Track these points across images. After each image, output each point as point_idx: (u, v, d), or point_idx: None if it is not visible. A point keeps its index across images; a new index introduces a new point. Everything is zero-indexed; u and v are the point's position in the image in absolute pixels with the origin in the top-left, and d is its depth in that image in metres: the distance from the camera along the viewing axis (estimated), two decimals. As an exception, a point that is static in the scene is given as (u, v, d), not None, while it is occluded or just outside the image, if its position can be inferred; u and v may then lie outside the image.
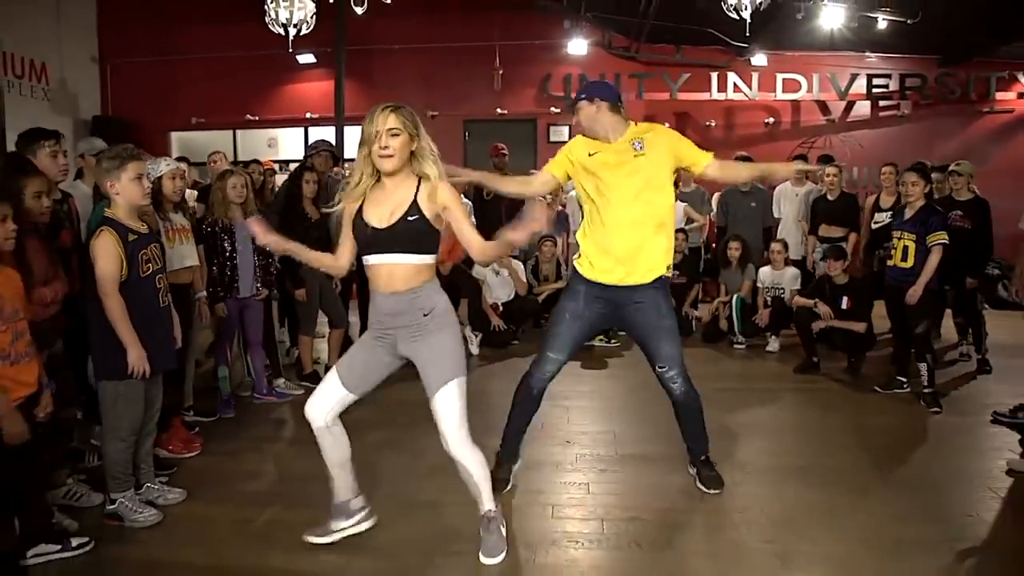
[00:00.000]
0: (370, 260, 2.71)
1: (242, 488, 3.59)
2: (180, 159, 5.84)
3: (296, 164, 9.50)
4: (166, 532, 3.09)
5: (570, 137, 10.05)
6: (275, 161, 10.23)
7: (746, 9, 6.31)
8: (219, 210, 4.60)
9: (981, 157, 8.68)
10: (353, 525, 3.03)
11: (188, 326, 4.08)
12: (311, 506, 3.30)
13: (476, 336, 6.58)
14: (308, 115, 10.32)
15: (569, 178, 3.47)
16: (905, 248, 5.00)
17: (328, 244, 5.38)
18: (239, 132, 10.51)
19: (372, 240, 2.67)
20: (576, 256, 3.48)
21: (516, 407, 3.54)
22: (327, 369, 5.48)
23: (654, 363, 3.41)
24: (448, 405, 2.69)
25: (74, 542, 2.83)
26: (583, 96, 3.42)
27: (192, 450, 3.95)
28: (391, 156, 2.63)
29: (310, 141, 10.59)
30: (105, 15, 10.62)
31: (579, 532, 3.13)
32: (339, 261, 2.87)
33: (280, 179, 6.79)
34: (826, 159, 7.58)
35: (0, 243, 2.65)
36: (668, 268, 3.39)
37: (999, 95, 9.93)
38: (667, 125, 10.76)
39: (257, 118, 10.45)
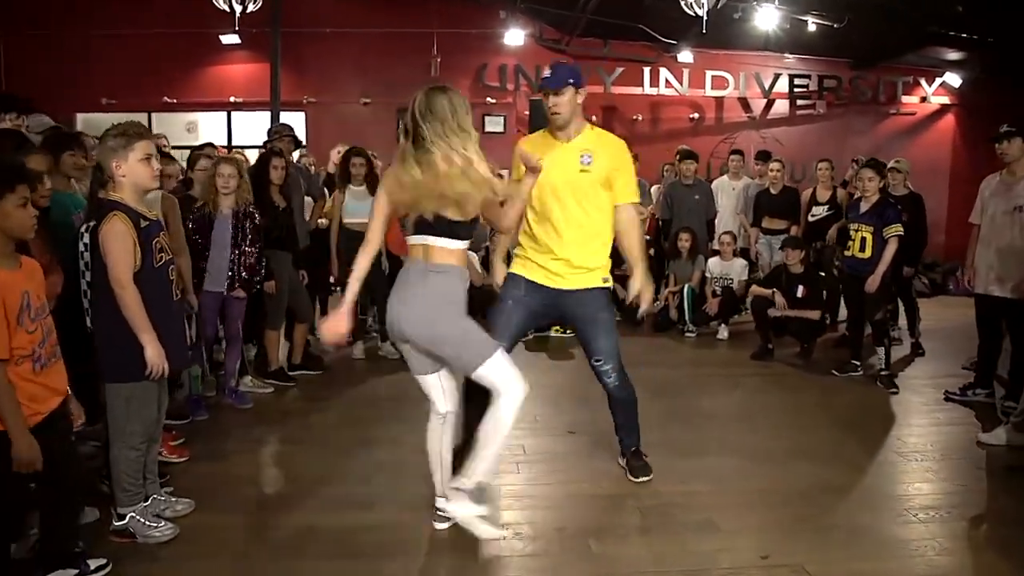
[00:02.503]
0: None
1: (248, 494, 3.36)
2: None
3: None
4: (183, 547, 2.82)
5: (507, 127, 10.21)
6: (192, 147, 9.71)
7: (702, 7, 6.44)
8: (207, 198, 4.33)
9: (888, 155, 9.21)
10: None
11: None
12: (328, 509, 3.16)
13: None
14: (232, 99, 9.79)
15: None
16: (863, 239, 5.27)
17: (294, 234, 5.15)
18: (155, 115, 9.81)
19: None
20: (515, 254, 3.41)
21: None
22: (290, 366, 5.28)
23: (590, 356, 3.39)
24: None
25: (92, 564, 2.54)
26: (571, 80, 3.14)
27: (182, 455, 3.66)
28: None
29: (234, 126, 10.17)
30: (-1, -19, 9.70)
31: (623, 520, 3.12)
32: None
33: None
34: (765, 155, 7.88)
35: (24, 230, 2.33)
36: (606, 280, 3.33)
37: (904, 98, 10.66)
38: (594, 119, 11.00)
39: (175, 101, 9.80)
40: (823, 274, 6.63)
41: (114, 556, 2.67)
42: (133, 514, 2.81)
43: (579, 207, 3.20)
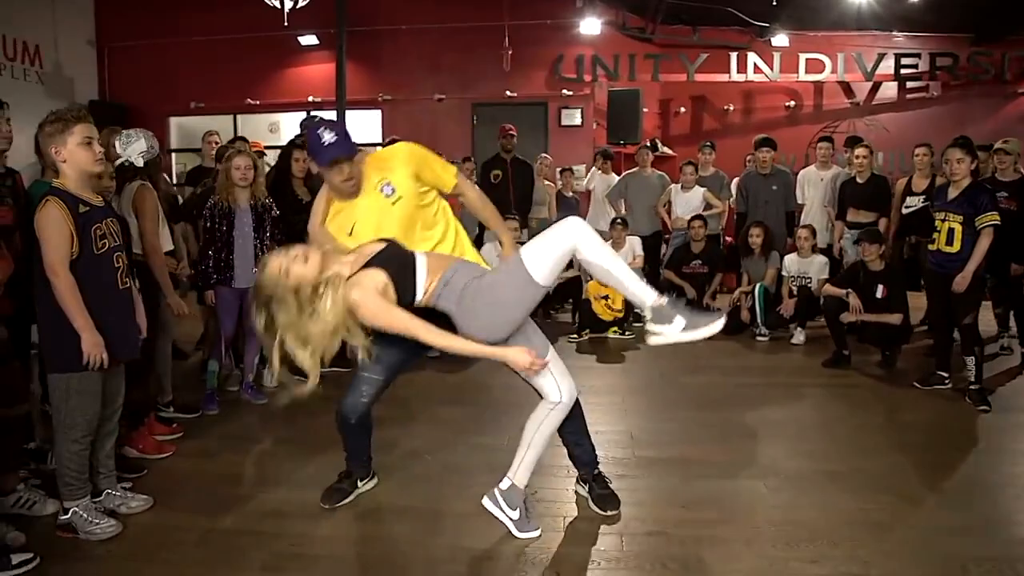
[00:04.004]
0: None
1: (218, 493, 3.21)
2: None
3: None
4: (126, 546, 2.72)
5: (584, 120, 9.83)
6: (279, 147, 9.95)
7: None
8: (223, 192, 4.26)
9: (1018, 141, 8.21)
10: None
11: (159, 313, 3.73)
12: (294, 515, 2.97)
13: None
14: (311, 99, 9.94)
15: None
16: (950, 231, 4.55)
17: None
18: (240, 117, 10.13)
19: None
20: None
21: (345, 436, 3.15)
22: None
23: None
24: None
25: (14, 559, 2.46)
26: (344, 154, 2.72)
27: (164, 451, 3.59)
28: None
29: (312, 125, 10.37)
30: (103, -2, 10.31)
31: (596, 551, 2.74)
32: None
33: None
34: (854, 140, 7.13)
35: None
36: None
37: (1035, 75, 9.42)
38: (682, 110, 10.46)
39: (258, 102, 10.07)
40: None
41: (49, 552, 2.59)
42: (76, 509, 2.72)
43: (420, 235, 2.89)
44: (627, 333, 6.55)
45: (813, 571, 2.56)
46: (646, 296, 2.58)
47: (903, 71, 9.57)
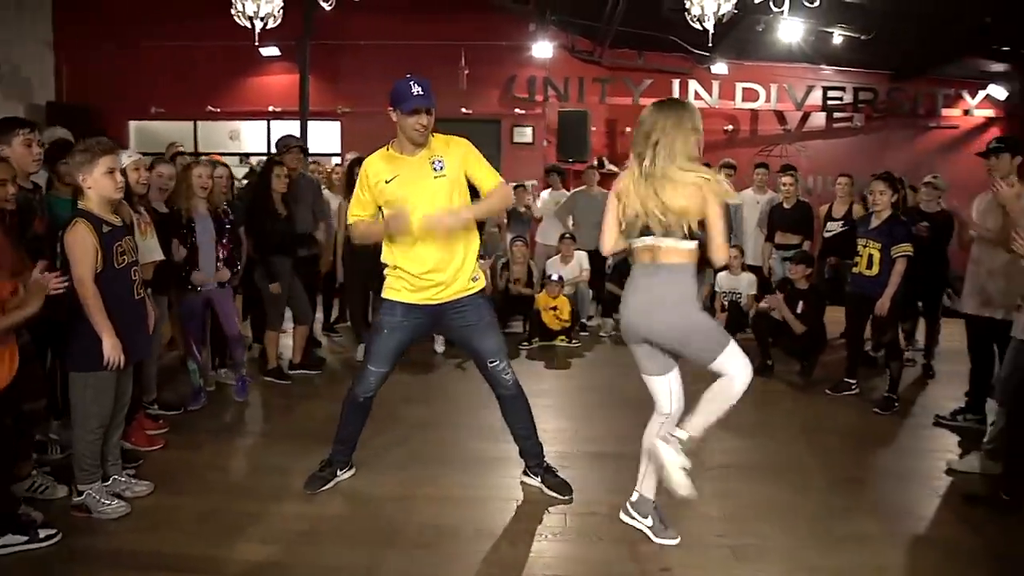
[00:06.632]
0: None
1: (210, 480, 3.62)
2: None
3: (255, 157, 9.58)
4: (134, 523, 3.11)
5: (535, 138, 10.34)
6: (237, 154, 10.21)
7: (708, 20, 6.48)
8: (183, 202, 4.56)
9: (928, 170, 8.98)
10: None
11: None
12: (276, 500, 3.38)
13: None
14: (271, 108, 10.23)
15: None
16: (871, 257, 5.13)
17: (294, 242, 5.42)
18: (200, 123, 10.35)
19: None
20: (388, 276, 3.42)
21: (346, 416, 3.53)
22: (290, 365, 5.56)
23: (484, 359, 3.40)
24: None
25: (41, 533, 2.84)
26: (424, 104, 3.17)
27: (155, 444, 3.95)
28: None
29: (273, 135, 10.61)
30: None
31: (543, 526, 3.23)
32: None
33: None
34: (785, 168, 7.80)
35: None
36: (475, 279, 3.38)
37: (945, 111, 10.34)
38: (628, 130, 11.05)
39: (219, 110, 10.30)
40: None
41: (68, 528, 2.97)
42: (90, 491, 3.10)
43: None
44: (574, 341, 7.05)
45: (723, 543, 3.10)
46: (695, 429, 2.95)
47: (830, 102, 10.38)
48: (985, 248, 4.54)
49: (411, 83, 3.17)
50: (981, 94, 10.21)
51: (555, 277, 7.18)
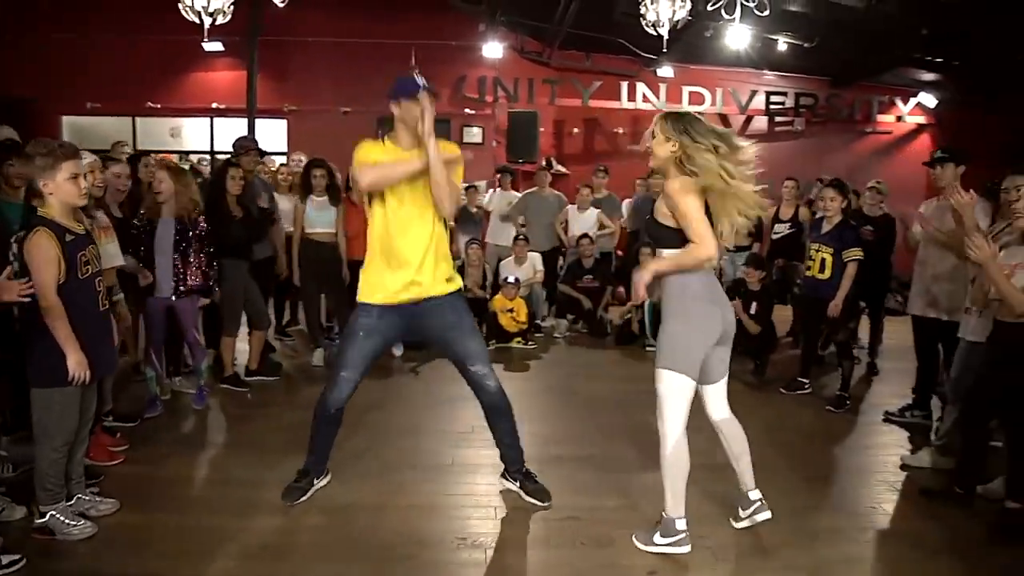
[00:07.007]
0: None
1: (176, 495, 3.49)
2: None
3: (196, 155, 9.32)
4: (102, 544, 2.97)
5: (485, 139, 10.32)
6: (178, 152, 9.88)
7: (663, 26, 6.59)
8: (151, 207, 4.43)
9: (864, 174, 9.39)
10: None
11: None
12: (248, 514, 3.28)
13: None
14: (214, 105, 9.95)
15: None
16: (823, 260, 5.29)
17: (250, 244, 5.28)
18: (139, 120, 9.99)
19: None
20: (363, 276, 3.36)
21: (318, 428, 3.48)
22: (247, 372, 5.41)
23: (465, 364, 3.37)
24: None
25: (4, 559, 2.68)
26: (431, 88, 3.16)
27: (115, 459, 3.79)
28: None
29: (217, 133, 10.33)
30: (-11, -14, 9.87)
31: (526, 533, 3.23)
32: None
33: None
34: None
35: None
36: (451, 279, 3.36)
37: (880, 117, 10.79)
38: (576, 131, 11.17)
39: (159, 106, 9.97)
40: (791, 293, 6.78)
41: (32, 552, 2.81)
42: (53, 512, 2.94)
43: (423, 212, 3.22)
44: (530, 343, 7.07)
45: (703, 544, 3.16)
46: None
47: (772, 107, 10.70)
48: (932, 252, 4.72)
49: (415, 76, 3.20)
50: (913, 101, 10.69)
51: (511, 279, 7.20)
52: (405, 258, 3.22)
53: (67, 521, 2.96)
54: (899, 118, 10.85)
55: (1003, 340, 3.44)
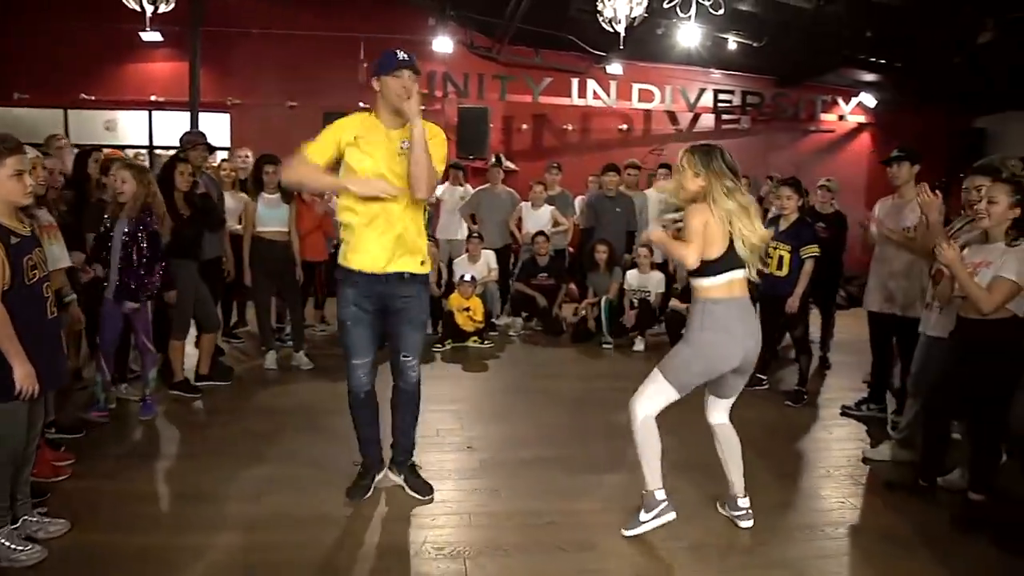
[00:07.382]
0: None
1: (133, 512, 3.27)
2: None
3: (131, 149, 8.89)
4: (53, 570, 2.76)
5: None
6: (114, 146, 9.42)
7: (620, 23, 6.57)
8: (113, 207, 4.22)
9: (807, 171, 9.60)
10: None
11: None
12: (213, 531, 3.11)
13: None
14: (153, 98, 9.53)
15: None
16: (781, 258, 5.36)
17: (200, 242, 5.05)
18: (71, 112, 9.48)
19: None
20: (341, 246, 3.35)
21: (356, 416, 3.48)
22: (197, 376, 5.17)
23: (399, 351, 3.39)
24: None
25: (-53, 590, 2.47)
26: (408, 65, 3.12)
27: (60, 473, 3.55)
28: None
29: (155, 126, 9.91)
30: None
31: (502, 540, 3.14)
32: None
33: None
34: (668, 167, 8.03)
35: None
36: (424, 263, 3.34)
37: (823, 116, 11.05)
38: (524, 127, 11.11)
39: (93, 98, 9.49)
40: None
41: (-25, 583, 2.60)
42: (-2, 537, 2.73)
43: (403, 178, 3.16)
44: (486, 342, 6.99)
45: (681, 545, 3.13)
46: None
47: (720, 105, 10.84)
48: (889, 249, 4.82)
49: (396, 51, 3.17)
50: (854, 101, 10.99)
51: (467, 277, 7.10)
52: (379, 222, 3.19)
53: (13, 546, 2.74)
54: (841, 117, 11.13)
55: (966, 336, 3.51)
